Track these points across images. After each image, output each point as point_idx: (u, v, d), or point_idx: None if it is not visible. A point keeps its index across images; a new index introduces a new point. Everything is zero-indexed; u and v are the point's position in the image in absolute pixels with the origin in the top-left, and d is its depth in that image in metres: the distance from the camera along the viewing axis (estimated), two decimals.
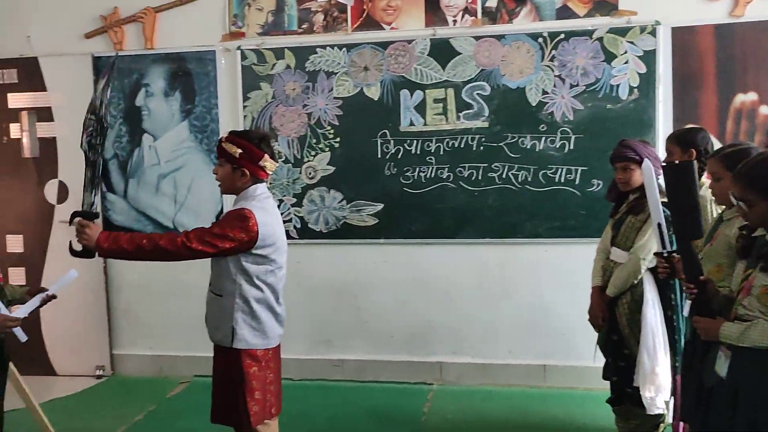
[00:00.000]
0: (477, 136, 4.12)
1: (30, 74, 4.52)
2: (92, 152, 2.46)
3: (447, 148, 4.16)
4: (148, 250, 2.40)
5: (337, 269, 4.35)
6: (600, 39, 3.95)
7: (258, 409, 2.54)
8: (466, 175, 4.15)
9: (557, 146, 4.04)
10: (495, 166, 4.12)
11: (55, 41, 4.53)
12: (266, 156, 2.56)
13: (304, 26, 4.27)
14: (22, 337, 2.69)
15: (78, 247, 2.44)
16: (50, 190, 4.58)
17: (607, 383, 3.19)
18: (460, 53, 4.09)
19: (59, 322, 4.53)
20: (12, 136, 4.59)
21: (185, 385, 4.40)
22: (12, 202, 4.59)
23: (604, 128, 3.97)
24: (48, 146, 4.57)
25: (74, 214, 2.45)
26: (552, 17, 4.01)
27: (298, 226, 4.35)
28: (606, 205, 3.32)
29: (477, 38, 4.07)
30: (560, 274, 4.11)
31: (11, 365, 2.85)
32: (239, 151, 2.51)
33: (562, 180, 4.06)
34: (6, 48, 4.56)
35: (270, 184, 4.31)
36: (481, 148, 4.12)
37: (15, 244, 4.60)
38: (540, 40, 4.00)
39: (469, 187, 4.15)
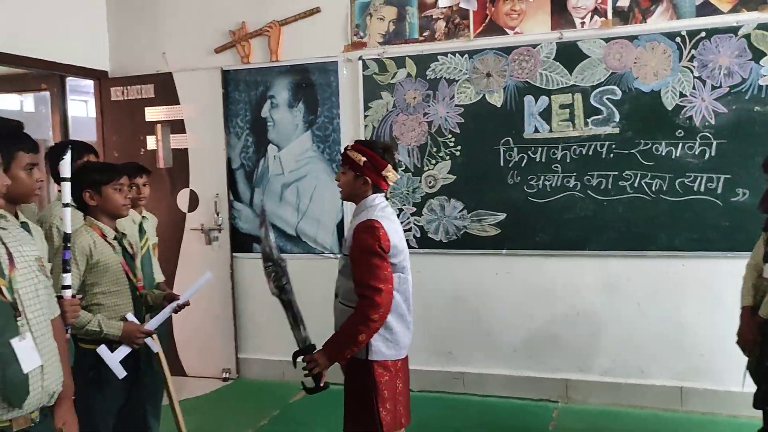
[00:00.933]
0: (607, 143, 3.92)
1: (165, 89, 4.77)
2: (284, 294, 2.58)
3: (574, 156, 3.98)
4: (361, 330, 2.40)
5: (457, 280, 4.27)
6: (747, 36, 3.64)
7: (390, 419, 2.53)
8: (594, 184, 3.95)
9: (696, 153, 3.77)
10: (626, 174, 3.90)
11: (188, 57, 4.76)
12: (389, 166, 2.56)
13: (425, 34, 4.23)
14: (154, 347, 2.81)
15: (311, 384, 2.52)
16: (182, 199, 4.81)
17: (758, 412, 2.91)
18: (589, 56, 3.91)
19: (190, 326, 4.74)
20: (149, 148, 4.86)
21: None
22: (149, 210, 4.84)
23: (751, 133, 3.66)
24: (180, 157, 4.80)
25: (295, 355, 2.54)
26: (692, 14, 3.74)
27: (418, 235, 4.31)
28: (753, 217, 3.04)
29: (607, 40, 3.87)
30: (699, 290, 3.83)
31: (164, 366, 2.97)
32: (364, 159, 2.53)
33: (702, 189, 3.78)
34: (145, 65, 4.85)
35: (390, 193, 4.30)
36: (611, 155, 3.92)
37: None
38: (677, 39, 3.75)
39: (598, 197, 3.95)
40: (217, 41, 4.69)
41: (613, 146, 3.91)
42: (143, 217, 3.56)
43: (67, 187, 2.32)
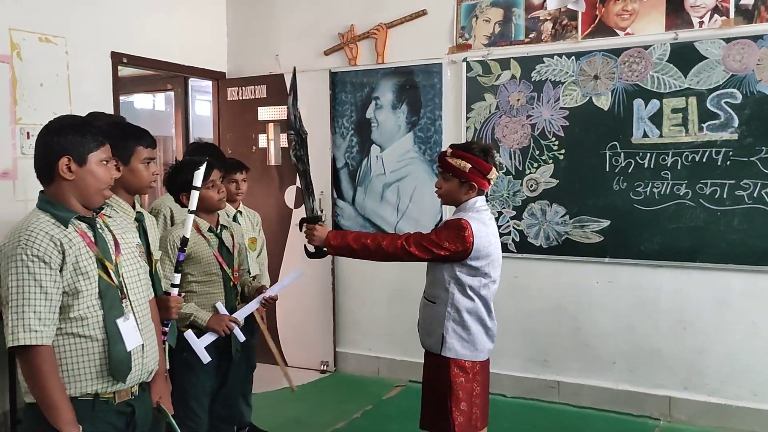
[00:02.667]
0: (723, 150, 3.69)
1: (276, 89, 4.98)
2: (300, 164, 2.72)
3: (686, 163, 3.78)
4: (371, 250, 2.53)
5: (556, 287, 4.17)
6: None
7: (463, 420, 2.54)
8: (707, 193, 3.73)
9: None
10: (744, 184, 3.65)
11: (299, 59, 4.91)
12: (493, 169, 2.56)
13: (531, 35, 4.17)
14: (241, 337, 2.94)
15: (311, 248, 2.66)
16: (289, 196, 5.01)
17: None
18: (706, 58, 3.69)
19: (292, 318, 4.94)
20: (260, 146, 5.10)
21: (400, 389, 4.52)
22: (258, 206, 5.08)
23: None
24: (289, 155, 4.97)
25: (302, 221, 2.67)
26: None
27: (517, 239, 4.25)
28: None
29: (728, 40, 3.64)
30: None
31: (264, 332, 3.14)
32: (469, 165, 2.53)
33: None
34: (260, 66, 5.10)
35: (489, 196, 4.26)
36: (728, 162, 3.68)
37: None
38: None
39: (711, 206, 3.72)
40: (326, 44, 4.84)
41: (731, 153, 3.67)
42: (238, 211, 3.73)
43: (195, 195, 2.49)
